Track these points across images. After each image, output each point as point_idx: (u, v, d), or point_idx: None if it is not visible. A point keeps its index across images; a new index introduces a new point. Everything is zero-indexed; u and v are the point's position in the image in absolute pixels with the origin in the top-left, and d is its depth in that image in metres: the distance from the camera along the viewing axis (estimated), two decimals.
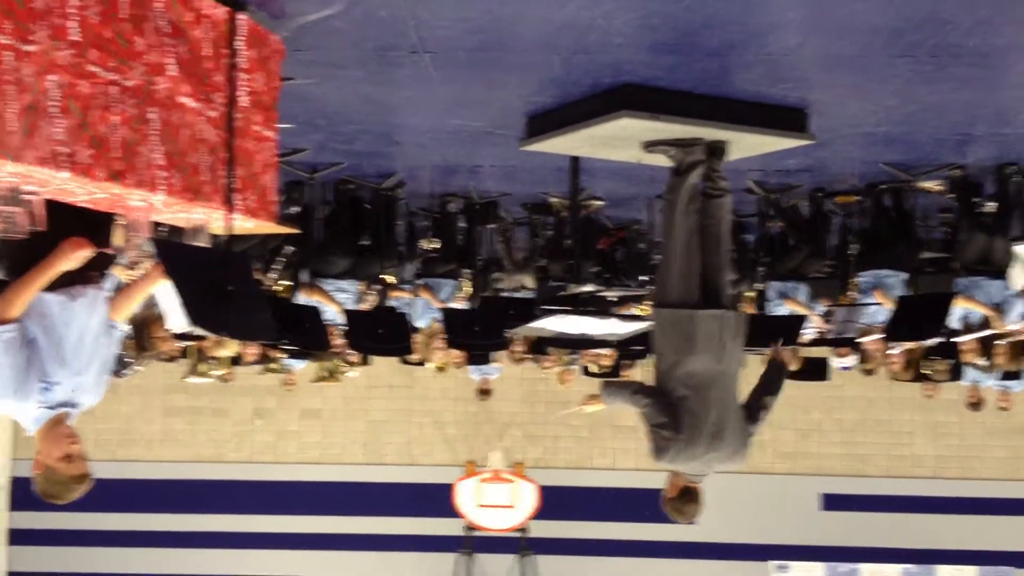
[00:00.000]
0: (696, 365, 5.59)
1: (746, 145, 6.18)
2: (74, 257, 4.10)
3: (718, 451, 5.60)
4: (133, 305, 4.82)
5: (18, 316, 4.09)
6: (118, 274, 6.22)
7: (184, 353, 11.91)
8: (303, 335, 8.39)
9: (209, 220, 4.32)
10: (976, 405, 12.60)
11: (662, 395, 5.66)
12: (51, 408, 4.23)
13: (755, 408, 5.85)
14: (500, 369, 14.00)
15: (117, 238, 4.98)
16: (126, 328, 8.08)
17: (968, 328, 9.29)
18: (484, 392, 14.45)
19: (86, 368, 4.36)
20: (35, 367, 4.14)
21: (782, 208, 9.23)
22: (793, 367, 11.55)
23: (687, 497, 5.69)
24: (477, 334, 9.67)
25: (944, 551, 17.47)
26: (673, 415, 5.55)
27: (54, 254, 4.08)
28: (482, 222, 9.86)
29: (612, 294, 9.10)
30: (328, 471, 18.13)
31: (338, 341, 9.77)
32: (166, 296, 5.69)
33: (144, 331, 8.25)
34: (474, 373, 13.91)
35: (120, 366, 9.16)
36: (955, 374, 11.74)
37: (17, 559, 17.69)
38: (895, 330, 8.30)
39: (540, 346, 12.21)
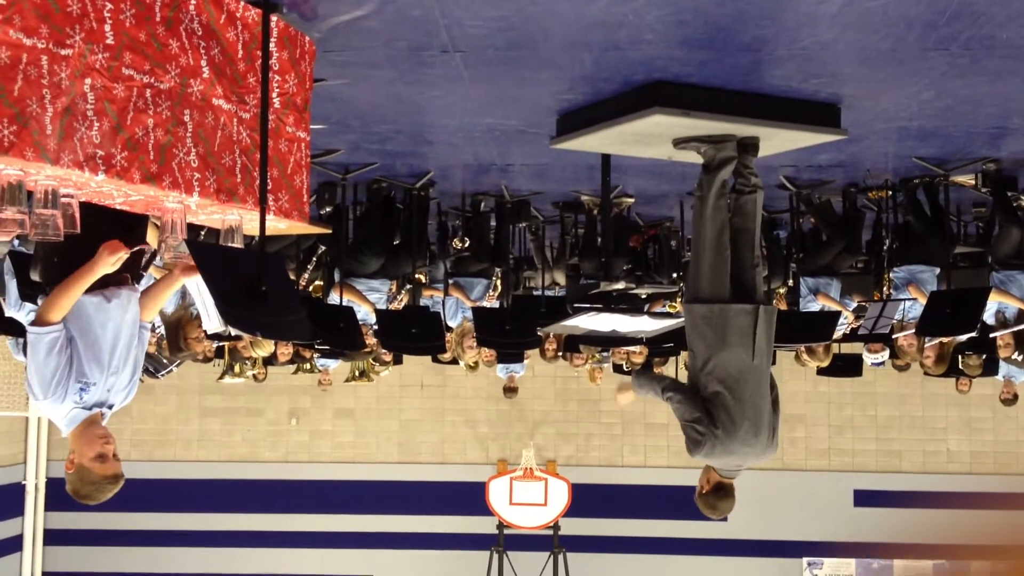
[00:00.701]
0: (729, 360, 5.58)
1: (778, 141, 6.16)
2: (112, 260, 4.14)
3: (753, 446, 5.60)
4: (159, 304, 4.86)
5: (62, 319, 4.15)
6: (154, 273, 6.28)
7: (219, 353, 11.99)
8: (338, 335, 8.42)
9: (243, 221, 4.34)
10: (1010, 400, 12.51)
11: (694, 391, 5.65)
12: (86, 408, 4.28)
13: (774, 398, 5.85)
14: (525, 366, 14.01)
15: (151, 239, 5.03)
16: (157, 326, 8.17)
17: (1003, 323, 9.22)
18: (510, 390, 14.49)
19: (120, 368, 4.41)
20: (73, 368, 4.20)
21: (814, 204, 9.19)
22: (823, 363, 11.61)
23: (721, 493, 5.70)
24: (508, 332, 9.69)
25: (978, 547, 17.34)
26: (707, 410, 5.55)
27: (93, 258, 4.13)
28: (513, 221, 9.87)
29: (643, 291, 9.08)
30: (362, 470, 18.22)
31: (370, 340, 9.80)
32: (201, 297, 5.74)
33: (179, 331, 8.30)
34: (501, 371, 13.94)
35: (157, 367, 9.23)
36: (989, 369, 11.66)
37: (53, 559, 17.87)
38: (928, 325, 8.24)
39: (572, 344, 12.22)
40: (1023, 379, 11.65)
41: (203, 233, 5.95)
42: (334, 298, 8.89)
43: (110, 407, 4.43)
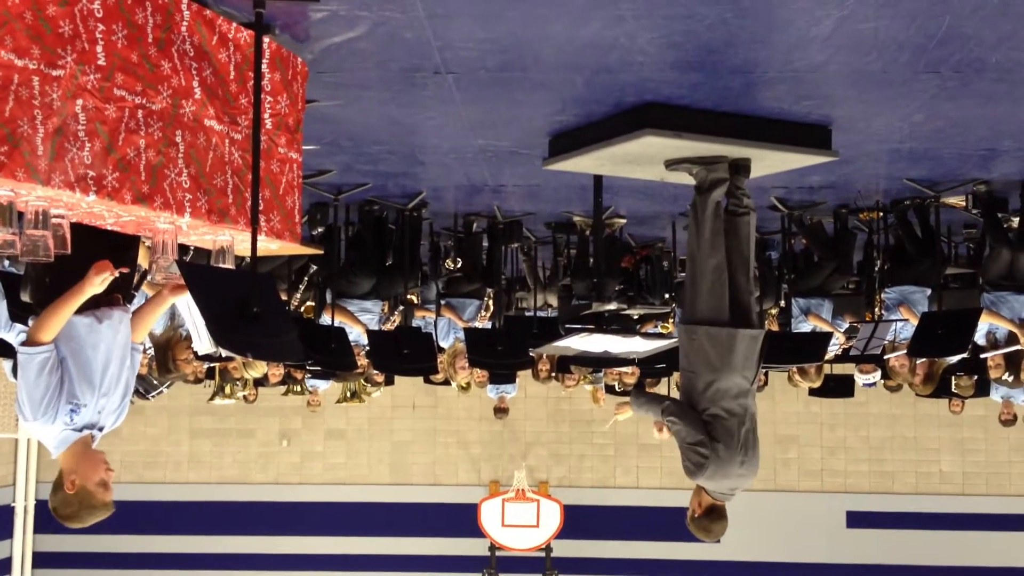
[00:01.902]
0: (732, 383, 5.59)
1: (769, 162, 6.17)
2: (101, 280, 4.12)
3: (748, 467, 5.61)
4: (149, 324, 4.84)
5: (52, 340, 4.12)
6: (147, 291, 6.25)
7: (210, 374, 11.95)
8: (330, 355, 8.41)
9: (234, 242, 4.33)
10: (1010, 421, 12.51)
11: (694, 412, 5.63)
12: (77, 430, 4.25)
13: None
14: (516, 386, 13.99)
15: (142, 260, 5.02)
16: (148, 347, 8.14)
17: (994, 343, 9.23)
18: (501, 410, 14.46)
19: (112, 390, 4.38)
20: (64, 389, 4.17)
21: (806, 225, 9.21)
22: (815, 384, 11.61)
23: (714, 515, 5.68)
24: (500, 353, 9.67)
25: (971, 568, 17.33)
26: (708, 433, 5.54)
27: (83, 279, 4.10)
28: (506, 241, 9.88)
29: (635, 312, 9.08)
30: (353, 491, 18.17)
31: (362, 361, 9.79)
32: (192, 318, 5.71)
33: (167, 352, 8.27)
34: (491, 391, 13.92)
35: (147, 388, 9.20)
36: (981, 390, 11.66)
37: None
38: (919, 346, 8.25)
39: (564, 364, 12.21)
40: (1022, 399, 11.64)
41: (191, 253, 5.92)
42: (326, 319, 8.88)
43: (100, 429, 4.40)
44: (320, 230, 8.65)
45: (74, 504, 4.22)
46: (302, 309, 10.35)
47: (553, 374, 12.65)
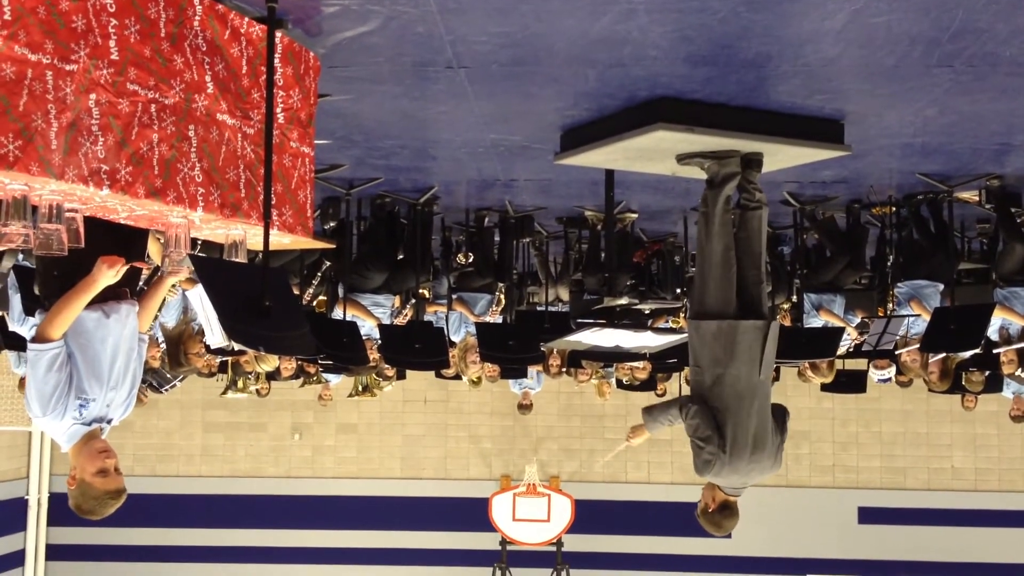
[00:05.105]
0: (738, 376, 5.57)
1: (782, 157, 6.16)
2: (110, 273, 4.12)
3: (759, 463, 5.58)
4: (153, 311, 4.84)
5: (61, 336, 4.13)
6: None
7: (223, 368, 11.98)
8: (342, 349, 8.42)
9: (247, 236, 4.34)
10: (1020, 417, 12.47)
11: (706, 407, 5.62)
12: (86, 424, 4.26)
13: (779, 416, 5.84)
14: (541, 382, 13.95)
15: (154, 253, 5.03)
16: (161, 341, 8.16)
17: (1007, 339, 9.20)
18: (525, 406, 14.43)
19: (120, 383, 4.40)
20: (73, 384, 4.18)
21: (818, 219, 9.19)
22: (827, 379, 11.59)
23: (727, 511, 5.67)
24: (511, 348, 9.67)
25: (984, 564, 17.30)
26: (717, 427, 5.53)
27: (91, 273, 4.12)
28: (517, 236, 9.87)
29: (647, 307, 9.07)
30: (364, 485, 18.21)
31: (374, 355, 9.80)
32: (204, 312, 5.73)
33: (179, 347, 8.30)
34: (514, 387, 13.88)
35: (160, 382, 9.22)
36: (992, 385, 11.62)
37: (54, 575, 17.83)
38: (932, 341, 8.23)
39: (576, 359, 12.20)
40: None
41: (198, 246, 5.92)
42: (338, 313, 8.89)
43: (109, 422, 4.42)
44: (332, 224, 8.65)
45: (78, 497, 4.24)
46: (314, 303, 10.36)
47: (564, 369, 12.65)
